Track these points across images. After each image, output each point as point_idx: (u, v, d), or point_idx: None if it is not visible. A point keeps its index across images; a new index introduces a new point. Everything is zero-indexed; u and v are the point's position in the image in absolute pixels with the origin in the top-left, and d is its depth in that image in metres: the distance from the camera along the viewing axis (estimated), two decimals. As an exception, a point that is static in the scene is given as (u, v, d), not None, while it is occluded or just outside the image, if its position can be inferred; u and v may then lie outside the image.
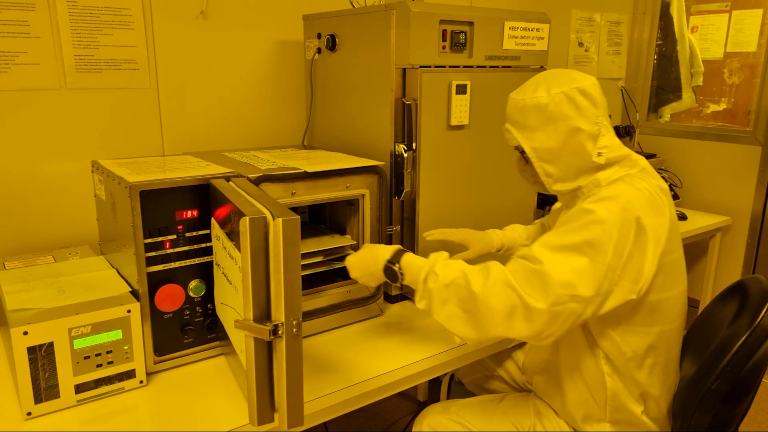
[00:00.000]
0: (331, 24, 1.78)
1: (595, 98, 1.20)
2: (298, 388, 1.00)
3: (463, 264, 1.16)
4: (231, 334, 1.21)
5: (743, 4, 3.17)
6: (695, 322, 1.45)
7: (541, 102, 1.19)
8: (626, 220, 1.10)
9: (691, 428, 1.18)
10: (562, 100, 1.18)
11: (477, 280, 1.11)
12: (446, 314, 1.14)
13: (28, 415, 1.11)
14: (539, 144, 1.22)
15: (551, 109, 1.19)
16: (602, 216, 1.10)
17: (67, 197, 1.69)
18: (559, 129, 1.19)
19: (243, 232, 0.96)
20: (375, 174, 1.51)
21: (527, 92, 1.22)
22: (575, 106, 1.18)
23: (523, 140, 1.24)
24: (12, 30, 1.54)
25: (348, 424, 2.36)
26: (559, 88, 1.19)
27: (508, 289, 1.08)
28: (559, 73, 1.24)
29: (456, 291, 1.12)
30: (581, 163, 1.21)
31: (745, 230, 2.84)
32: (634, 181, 1.17)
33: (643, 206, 1.13)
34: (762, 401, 2.58)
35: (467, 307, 1.11)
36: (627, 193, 1.14)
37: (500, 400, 1.48)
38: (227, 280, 1.17)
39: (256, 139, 2.03)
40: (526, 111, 1.22)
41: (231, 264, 1.11)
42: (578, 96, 1.19)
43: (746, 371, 1.13)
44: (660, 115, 3.34)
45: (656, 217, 1.14)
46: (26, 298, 1.20)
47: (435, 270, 1.16)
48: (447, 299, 1.13)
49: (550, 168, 1.24)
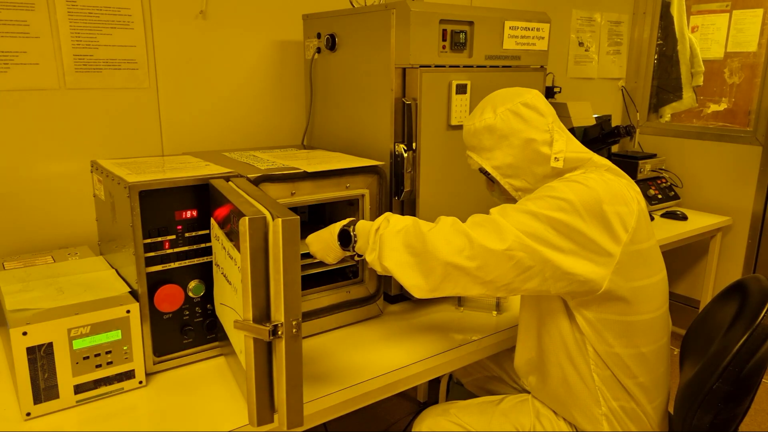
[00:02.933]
0: (331, 24, 1.78)
1: (540, 108, 1.25)
2: (297, 388, 1.00)
3: (415, 217, 1.22)
4: (231, 335, 1.21)
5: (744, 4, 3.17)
6: (695, 322, 1.45)
7: (489, 123, 1.25)
8: (588, 206, 1.13)
9: (692, 428, 1.18)
10: (509, 116, 1.24)
11: (427, 224, 1.17)
12: (396, 260, 1.17)
13: (27, 415, 1.11)
14: (499, 162, 1.27)
15: (500, 126, 1.24)
16: (563, 194, 1.14)
17: (66, 197, 1.69)
18: (513, 144, 1.24)
19: (242, 233, 0.96)
20: (375, 174, 1.50)
21: (476, 117, 1.28)
22: (522, 119, 1.24)
23: (484, 162, 1.29)
24: (11, 30, 1.54)
25: (348, 424, 2.35)
26: (504, 106, 1.25)
27: (459, 231, 1.14)
28: (502, 93, 1.29)
29: (405, 235, 1.16)
30: (543, 169, 1.25)
31: (745, 230, 2.84)
32: (602, 174, 1.21)
33: (605, 192, 1.15)
34: (762, 401, 2.58)
35: (416, 251, 1.15)
36: (590, 180, 1.17)
37: (499, 401, 1.48)
38: (227, 280, 1.16)
39: (255, 139, 2.03)
40: (479, 134, 1.27)
41: (230, 264, 1.11)
42: (523, 109, 1.24)
43: (747, 371, 1.13)
44: (660, 115, 3.34)
45: (620, 206, 1.16)
46: (25, 299, 1.20)
47: (388, 218, 1.21)
48: (396, 246, 1.17)
49: (516, 182, 1.28)
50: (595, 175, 1.19)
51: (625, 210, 1.16)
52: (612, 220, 1.14)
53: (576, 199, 1.13)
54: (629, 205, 1.18)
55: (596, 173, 1.21)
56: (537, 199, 1.16)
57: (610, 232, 1.14)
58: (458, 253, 1.12)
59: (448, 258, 1.12)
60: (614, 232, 1.15)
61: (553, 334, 1.28)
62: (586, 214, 1.13)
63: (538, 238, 1.12)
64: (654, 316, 1.24)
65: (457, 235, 1.13)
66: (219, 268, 1.23)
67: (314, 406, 1.19)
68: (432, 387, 2.60)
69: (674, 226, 2.55)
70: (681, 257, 3.09)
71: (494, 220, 1.14)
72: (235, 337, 1.16)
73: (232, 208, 1.07)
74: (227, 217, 1.14)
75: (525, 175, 1.27)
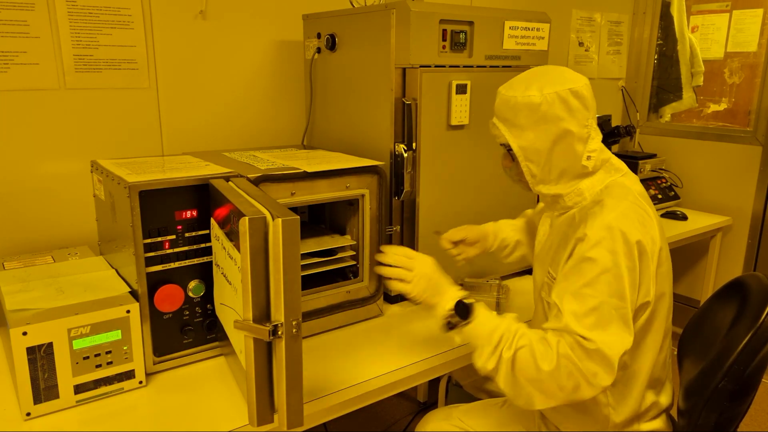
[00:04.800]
0: (331, 24, 1.78)
1: (587, 100, 1.18)
2: (297, 388, 1.00)
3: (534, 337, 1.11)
4: (231, 335, 1.21)
5: (743, 4, 3.17)
6: (693, 320, 1.44)
7: (534, 101, 1.16)
8: (629, 252, 1.09)
9: (698, 427, 1.18)
10: (555, 100, 1.15)
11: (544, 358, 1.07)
12: (508, 385, 1.11)
13: (27, 415, 1.11)
14: (528, 144, 1.19)
15: (543, 109, 1.16)
16: (608, 262, 1.08)
17: (66, 197, 1.69)
18: (549, 130, 1.17)
19: (243, 232, 0.96)
20: (375, 174, 1.50)
21: (518, 89, 1.19)
22: (567, 107, 1.16)
23: (511, 138, 1.21)
24: (11, 30, 1.54)
25: (348, 424, 2.35)
26: (552, 88, 1.16)
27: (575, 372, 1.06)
28: (551, 72, 1.21)
29: (522, 367, 1.09)
30: (568, 165, 1.20)
31: (745, 230, 2.84)
32: (617, 202, 1.15)
33: (634, 226, 1.11)
34: (762, 401, 2.57)
35: (535, 383, 1.08)
36: (616, 221, 1.11)
37: (502, 403, 1.47)
38: (227, 280, 1.16)
39: (255, 139, 2.03)
40: (517, 109, 1.18)
41: (230, 264, 1.11)
42: (571, 97, 1.16)
43: (751, 369, 1.14)
44: (660, 115, 3.33)
45: (647, 234, 1.12)
46: (25, 299, 1.20)
47: (512, 334, 1.12)
48: (514, 382, 1.10)
49: (535, 168, 1.22)
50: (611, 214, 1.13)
51: (650, 236, 1.13)
52: (648, 251, 1.12)
53: (618, 260, 1.08)
54: (652, 229, 1.15)
55: (609, 205, 1.15)
56: (590, 285, 1.09)
57: (648, 262, 1.12)
58: (575, 393, 1.07)
59: (566, 398, 1.08)
60: (651, 262, 1.13)
61: None
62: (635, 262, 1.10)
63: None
64: (664, 330, 1.22)
65: (575, 381, 1.06)
66: (219, 268, 1.24)
67: (314, 406, 1.19)
68: (432, 387, 2.60)
69: (674, 226, 2.55)
70: (681, 257, 3.09)
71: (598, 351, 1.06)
72: (235, 337, 1.16)
73: (232, 208, 1.07)
74: (227, 217, 1.14)
75: (547, 165, 1.20)
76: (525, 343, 1.09)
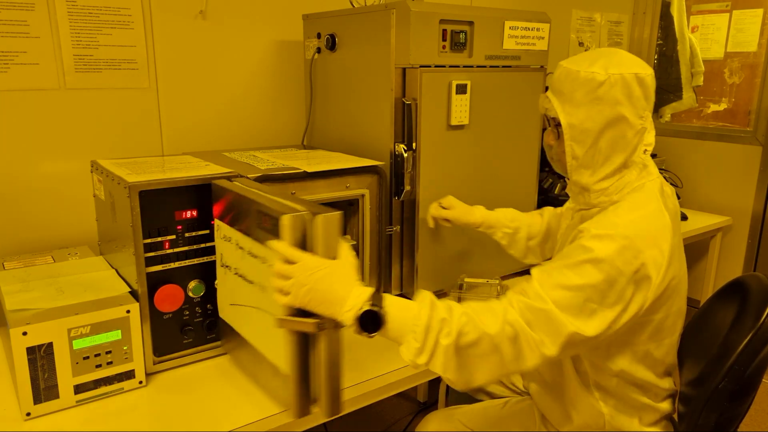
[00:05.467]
0: (331, 24, 1.78)
1: (649, 90, 1.13)
2: (337, 378, 1.06)
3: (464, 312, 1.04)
4: (248, 333, 1.21)
5: (744, 4, 3.16)
6: (693, 321, 1.44)
7: (597, 78, 1.10)
8: (627, 261, 1.05)
9: (698, 428, 1.18)
10: (618, 82, 1.10)
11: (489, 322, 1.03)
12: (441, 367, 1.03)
13: (27, 415, 1.11)
14: (578, 122, 1.13)
15: (604, 89, 1.10)
16: (602, 256, 1.04)
17: (66, 197, 1.69)
18: (603, 112, 1.11)
19: (285, 228, 0.99)
20: (375, 174, 1.50)
21: (582, 65, 1.13)
22: (628, 92, 1.11)
23: (563, 114, 1.15)
24: (11, 30, 1.54)
25: (348, 424, 2.35)
26: (618, 70, 1.10)
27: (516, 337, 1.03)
28: (619, 54, 1.15)
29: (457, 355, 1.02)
30: (614, 154, 1.14)
31: (745, 230, 2.84)
32: (636, 207, 1.12)
33: (641, 238, 1.07)
34: (762, 401, 2.57)
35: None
36: (629, 225, 1.08)
37: (503, 405, 1.47)
38: (245, 280, 1.17)
39: (255, 139, 2.03)
40: (577, 84, 1.12)
41: (252, 263, 1.12)
42: (634, 83, 1.10)
43: (751, 370, 1.14)
44: (660, 115, 3.33)
45: (656, 247, 1.08)
46: (25, 299, 1.20)
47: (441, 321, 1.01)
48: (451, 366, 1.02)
49: (579, 150, 1.15)
50: (629, 215, 1.10)
51: (659, 251, 1.09)
52: (650, 269, 1.07)
53: (614, 259, 1.04)
54: (664, 243, 1.10)
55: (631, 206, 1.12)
56: (575, 266, 1.06)
57: (648, 282, 1.08)
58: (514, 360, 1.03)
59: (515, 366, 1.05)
60: (653, 280, 1.08)
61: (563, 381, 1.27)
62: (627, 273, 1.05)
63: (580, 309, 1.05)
64: (670, 342, 1.22)
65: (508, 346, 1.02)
66: (228, 269, 1.23)
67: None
68: (432, 387, 2.60)
69: (674, 226, 2.55)
70: (681, 257, 3.09)
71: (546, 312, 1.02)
72: (257, 334, 1.17)
73: (260, 206, 1.08)
74: (238, 215, 1.15)
75: (592, 148, 1.14)
76: (466, 321, 1.00)
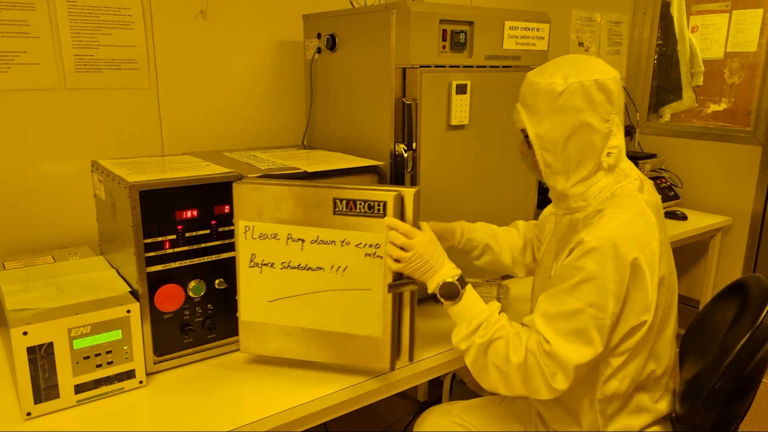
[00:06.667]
0: (331, 24, 1.78)
1: (613, 94, 1.14)
2: (413, 331, 1.28)
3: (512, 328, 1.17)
4: (312, 319, 1.25)
5: (743, 4, 3.17)
6: (694, 322, 1.45)
7: (555, 89, 1.13)
8: (619, 267, 1.08)
9: (695, 427, 1.18)
10: (577, 90, 1.12)
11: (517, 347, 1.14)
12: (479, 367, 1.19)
13: (27, 415, 1.11)
14: (544, 132, 1.17)
15: (564, 98, 1.13)
16: (594, 272, 1.09)
17: (66, 197, 1.69)
18: (567, 121, 1.14)
19: (390, 206, 1.17)
20: (375, 174, 1.50)
21: (544, 75, 1.16)
22: (589, 99, 1.12)
23: (530, 125, 1.18)
24: (12, 30, 1.54)
25: (348, 424, 2.35)
26: (577, 78, 1.12)
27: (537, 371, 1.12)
28: (581, 61, 1.17)
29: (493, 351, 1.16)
30: (584, 158, 1.17)
31: (745, 230, 2.84)
32: (619, 212, 1.13)
33: (631, 239, 1.10)
34: (762, 401, 2.58)
35: (503, 375, 1.15)
36: (613, 233, 1.10)
37: (501, 401, 1.48)
38: (305, 269, 1.23)
39: (255, 139, 2.03)
40: (539, 95, 1.16)
41: (322, 249, 1.22)
42: (594, 89, 1.12)
43: (749, 370, 1.14)
44: (660, 115, 3.34)
45: (647, 247, 1.11)
46: (26, 298, 1.20)
47: (488, 319, 1.17)
48: (484, 364, 1.17)
49: (550, 158, 1.19)
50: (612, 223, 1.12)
51: (649, 250, 1.12)
52: (644, 267, 1.11)
53: (606, 272, 1.08)
54: (654, 241, 1.13)
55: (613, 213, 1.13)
56: (574, 289, 1.11)
57: (644, 279, 1.12)
58: (534, 392, 1.14)
59: (525, 392, 1.15)
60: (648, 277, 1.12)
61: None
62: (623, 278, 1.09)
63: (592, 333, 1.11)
64: (664, 339, 1.22)
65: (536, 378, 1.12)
66: (269, 266, 1.24)
67: (314, 406, 1.20)
68: (432, 387, 2.60)
69: (674, 226, 2.55)
70: (681, 257, 3.09)
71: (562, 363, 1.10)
72: (332, 316, 1.24)
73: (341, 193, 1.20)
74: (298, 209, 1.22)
75: (562, 155, 1.17)
76: (503, 335, 1.15)
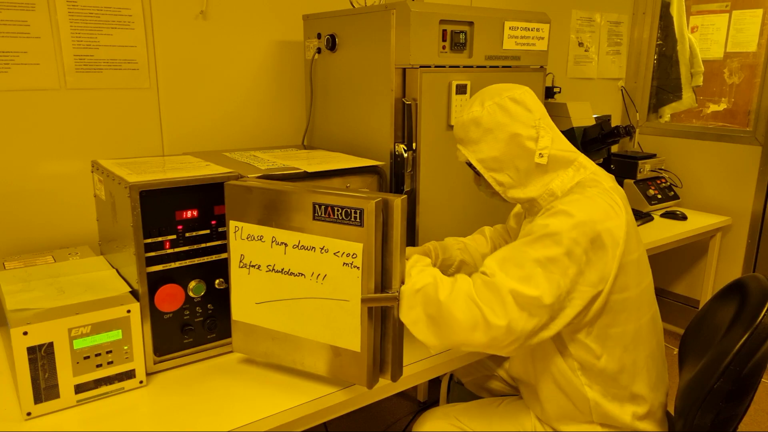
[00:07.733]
0: (331, 24, 1.78)
1: (527, 104, 1.25)
2: (401, 346, 1.23)
3: (436, 272, 1.19)
4: (293, 325, 1.23)
5: (743, 4, 3.17)
6: (694, 322, 1.45)
7: (476, 115, 1.25)
8: (581, 231, 1.13)
9: (694, 428, 1.18)
10: (495, 110, 1.24)
11: (444, 288, 1.14)
12: (412, 318, 1.17)
13: (27, 415, 1.11)
14: (485, 155, 1.26)
15: (486, 120, 1.24)
16: (556, 228, 1.14)
17: (67, 197, 1.69)
18: (498, 137, 1.24)
19: (369, 214, 1.10)
20: (375, 174, 1.51)
21: (464, 111, 1.29)
22: (508, 113, 1.24)
23: (470, 154, 1.28)
24: (12, 30, 1.54)
25: (348, 424, 2.36)
26: (492, 100, 1.25)
27: (471, 303, 1.12)
28: (493, 87, 1.29)
29: (424, 297, 1.15)
30: (527, 165, 1.25)
31: (745, 230, 2.85)
32: (585, 190, 1.21)
33: (596, 213, 1.16)
34: (762, 401, 2.58)
35: (433, 319, 1.14)
36: (579, 203, 1.17)
37: (500, 403, 1.48)
38: (287, 274, 1.20)
39: (256, 139, 2.03)
40: (466, 126, 1.27)
41: (303, 255, 1.17)
42: (509, 103, 1.24)
43: (748, 370, 1.14)
44: (660, 115, 3.34)
45: (610, 221, 1.16)
46: (26, 298, 1.20)
47: (410, 272, 1.19)
48: (414, 305, 1.16)
49: (500, 176, 1.27)
50: (578, 196, 1.19)
51: (615, 224, 1.17)
52: (605, 239, 1.15)
53: (570, 232, 1.13)
54: (618, 218, 1.18)
55: (579, 193, 1.20)
56: (534, 242, 1.15)
57: (605, 250, 1.15)
58: (471, 330, 1.12)
59: (461, 337, 1.13)
60: (609, 250, 1.16)
61: (543, 350, 1.29)
62: (583, 243, 1.13)
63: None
64: (640, 324, 1.24)
65: (470, 310, 1.12)
66: (256, 268, 1.23)
67: (314, 406, 1.20)
68: (432, 387, 2.60)
69: (674, 226, 2.55)
70: (681, 257, 3.09)
71: (499, 290, 1.12)
72: (310, 324, 1.21)
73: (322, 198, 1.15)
74: (281, 212, 1.18)
75: (508, 170, 1.26)
76: (430, 281, 1.16)
